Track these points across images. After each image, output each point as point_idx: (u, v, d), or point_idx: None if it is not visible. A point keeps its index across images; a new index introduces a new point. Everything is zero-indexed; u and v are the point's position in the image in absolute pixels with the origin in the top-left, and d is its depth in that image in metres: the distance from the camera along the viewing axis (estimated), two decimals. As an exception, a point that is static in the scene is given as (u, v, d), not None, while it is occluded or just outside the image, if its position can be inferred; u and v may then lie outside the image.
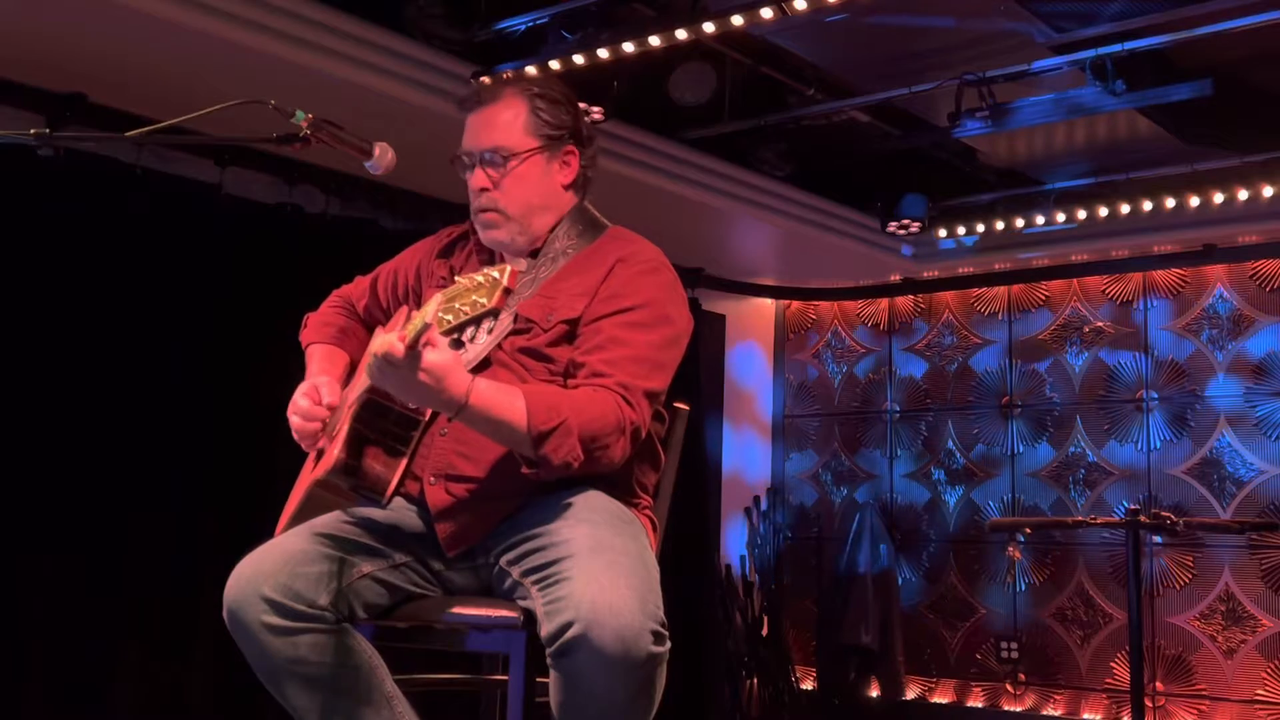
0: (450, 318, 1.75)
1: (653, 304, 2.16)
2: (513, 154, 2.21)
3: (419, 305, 2.35)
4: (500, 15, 3.93)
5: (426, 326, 1.77)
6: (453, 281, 2.29)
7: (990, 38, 4.11)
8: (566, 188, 2.30)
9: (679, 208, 5.23)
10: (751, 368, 7.12)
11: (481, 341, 1.96)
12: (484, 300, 1.74)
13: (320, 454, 2.18)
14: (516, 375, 2.11)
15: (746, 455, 7.00)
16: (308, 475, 2.23)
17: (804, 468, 7.04)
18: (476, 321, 1.75)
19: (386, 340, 1.81)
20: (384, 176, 2.21)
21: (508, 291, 1.74)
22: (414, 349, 1.79)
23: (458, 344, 1.80)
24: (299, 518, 2.15)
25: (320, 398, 2.20)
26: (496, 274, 1.76)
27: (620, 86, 4.23)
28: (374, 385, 1.95)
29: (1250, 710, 5.49)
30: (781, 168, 5.07)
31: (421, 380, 1.82)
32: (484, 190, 2.22)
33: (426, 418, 2.11)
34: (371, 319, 2.47)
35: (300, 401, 2.21)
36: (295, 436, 2.23)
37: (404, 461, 2.06)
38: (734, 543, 6.78)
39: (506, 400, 1.94)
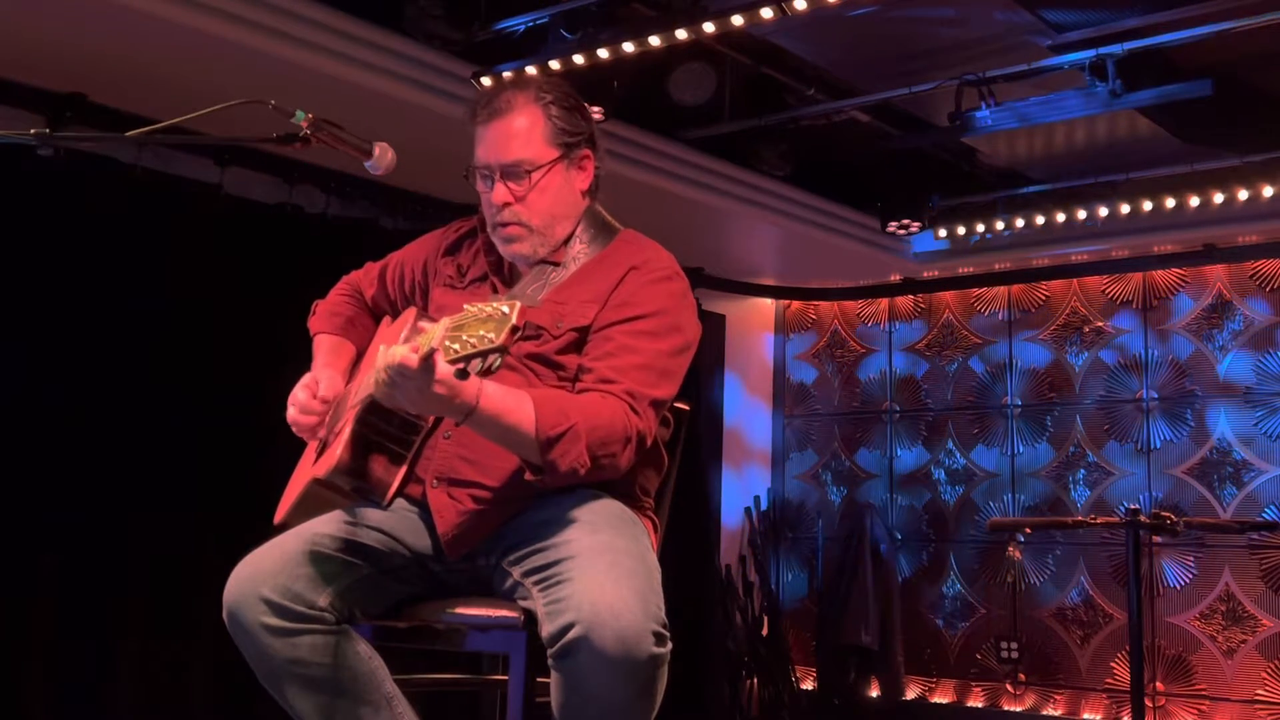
0: (456, 347, 1.74)
1: (663, 313, 2.14)
2: (535, 166, 2.17)
3: (425, 303, 2.34)
4: (500, 15, 3.93)
5: (433, 352, 1.76)
6: (460, 281, 2.29)
7: (990, 38, 4.12)
8: (584, 193, 2.28)
9: (679, 208, 5.22)
10: (751, 368, 7.12)
11: None
12: (491, 335, 1.71)
13: (323, 447, 2.18)
14: (525, 381, 2.10)
15: (746, 455, 7.00)
16: (308, 468, 2.22)
17: (804, 468, 7.04)
18: (482, 356, 1.73)
19: (398, 352, 1.80)
20: (384, 176, 2.20)
21: (515, 330, 1.71)
22: (428, 360, 1.78)
23: (463, 375, 1.78)
24: (297, 512, 2.15)
25: (318, 391, 2.20)
26: (505, 309, 1.72)
27: (620, 86, 4.23)
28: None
29: (1250, 710, 5.49)
30: (781, 168, 5.05)
31: (436, 390, 1.81)
32: (506, 205, 2.18)
33: (430, 423, 2.10)
34: (378, 309, 2.46)
35: (299, 394, 2.21)
36: (291, 426, 2.23)
37: (405, 465, 2.06)
38: (734, 542, 6.78)
39: (515, 404, 1.93)
